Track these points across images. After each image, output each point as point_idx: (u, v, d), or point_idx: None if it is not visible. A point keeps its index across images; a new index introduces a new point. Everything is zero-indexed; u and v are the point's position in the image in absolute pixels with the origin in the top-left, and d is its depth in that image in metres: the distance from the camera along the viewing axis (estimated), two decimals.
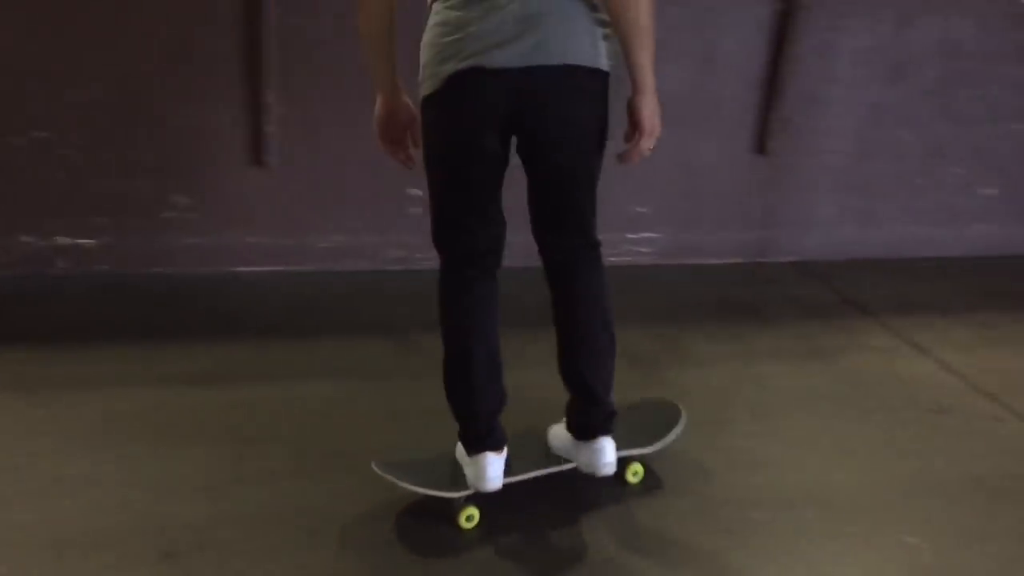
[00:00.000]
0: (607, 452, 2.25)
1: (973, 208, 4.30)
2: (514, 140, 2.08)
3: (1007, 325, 3.67)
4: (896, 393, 3.09)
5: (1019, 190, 4.31)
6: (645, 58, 2.04)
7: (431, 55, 2.01)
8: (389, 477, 2.20)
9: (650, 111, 2.09)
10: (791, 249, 4.18)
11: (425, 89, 2.04)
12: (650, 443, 2.45)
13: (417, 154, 2.16)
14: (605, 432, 2.26)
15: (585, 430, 2.27)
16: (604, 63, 2.04)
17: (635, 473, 2.45)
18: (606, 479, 2.30)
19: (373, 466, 2.22)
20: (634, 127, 2.11)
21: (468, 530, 2.22)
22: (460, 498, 2.21)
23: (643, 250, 4.02)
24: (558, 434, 2.38)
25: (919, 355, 3.39)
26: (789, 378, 3.17)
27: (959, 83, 4.09)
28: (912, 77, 4.03)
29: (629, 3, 1.98)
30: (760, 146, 4.00)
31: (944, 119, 4.13)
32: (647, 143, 2.11)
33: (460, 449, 2.24)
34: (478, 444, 2.17)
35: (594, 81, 2.04)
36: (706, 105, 3.88)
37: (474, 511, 2.22)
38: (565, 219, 2.16)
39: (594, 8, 2.02)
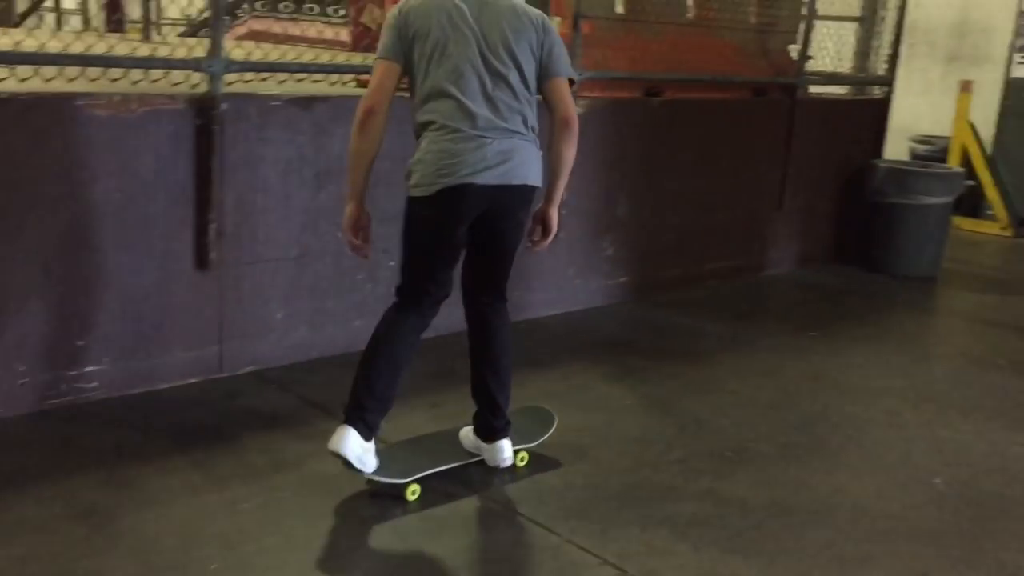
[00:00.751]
0: (506, 450, 3.29)
1: None
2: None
3: (452, 403, 3.99)
4: (362, 489, 3.18)
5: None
6: (564, 182, 3.12)
7: (429, 170, 2.92)
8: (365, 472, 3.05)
9: (556, 218, 3.20)
10: (248, 359, 4.13)
11: (418, 192, 2.95)
12: (532, 439, 3.48)
13: (371, 246, 3.14)
14: (505, 436, 3.28)
15: (491, 434, 3.27)
16: (540, 181, 3.08)
17: (523, 459, 3.42)
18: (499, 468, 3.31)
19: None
20: (545, 231, 3.21)
21: (413, 500, 3.12)
22: (407, 482, 3.10)
23: (87, 386, 3.68)
24: (467, 435, 3.36)
25: (378, 444, 3.53)
26: (258, 496, 3.10)
27: (380, 182, 4.40)
28: (336, 181, 4.26)
29: (570, 145, 3.07)
30: (201, 260, 3.91)
31: (373, 217, 4.40)
32: (550, 241, 3.23)
33: (348, 438, 3.04)
34: (353, 416, 3.04)
35: (534, 193, 3.08)
36: (138, 225, 3.71)
37: (416, 487, 3.13)
38: (495, 285, 3.24)
39: (539, 146, 3.07)
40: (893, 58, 7.26)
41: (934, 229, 6.73)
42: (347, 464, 3.03)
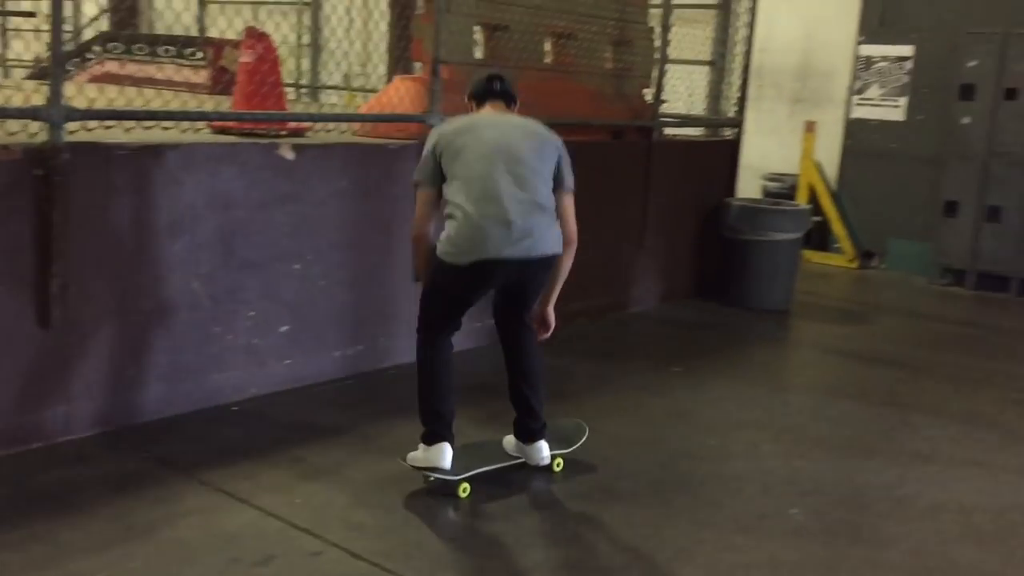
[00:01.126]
0: (544, 449, 3.80)
1: (271, 346, 4.53)
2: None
3: (315, 456, 3.89)
4: (220, 554, 3.05)
5: (308, 324, 4.67)
6: (559, 287, 3.76)
7: (459, 244, 3.44)
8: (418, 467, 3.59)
9: (553, 316, 3.82)
10: (97, 420, 3.93)
11: (448, 257, 3.46)
12: (568, 446, 3.94)
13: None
14: (542, 436, 3.79)
15: (530, 435, 3.78)
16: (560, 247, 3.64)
17: (559, 464, 3.90)
18: (542, 467, 3.82)
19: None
20: (544, 326, 3.82)
21: (464, 497, 3.57)
22: (459, 478, 3.57)
23: None
24: (510, 441, 3.86)
25: (239, 506, 3.41)
26: (107, 569, 2.92)
27: (237, 232, 4.30)
28: (190, 231, 4.13)
29: (570, 258, 3.70)
30: (43, 318, 3.71)
31: (229, 267, 4.30)
32: (549, 334, 3.86)
33: (419, 451, 3.58)
34: (439, 435, 3.55)
35: (554, 259, 3.63)
36: None
37: (467, 485, 3.59)
38: (522, 316, 3.76)
39: (555, 219, 3.61)
40: (742, 100, 7.60)
41: (785, 263, 7.03)
42: (436, 470, 3.56)
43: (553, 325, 3.81)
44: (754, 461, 4.17)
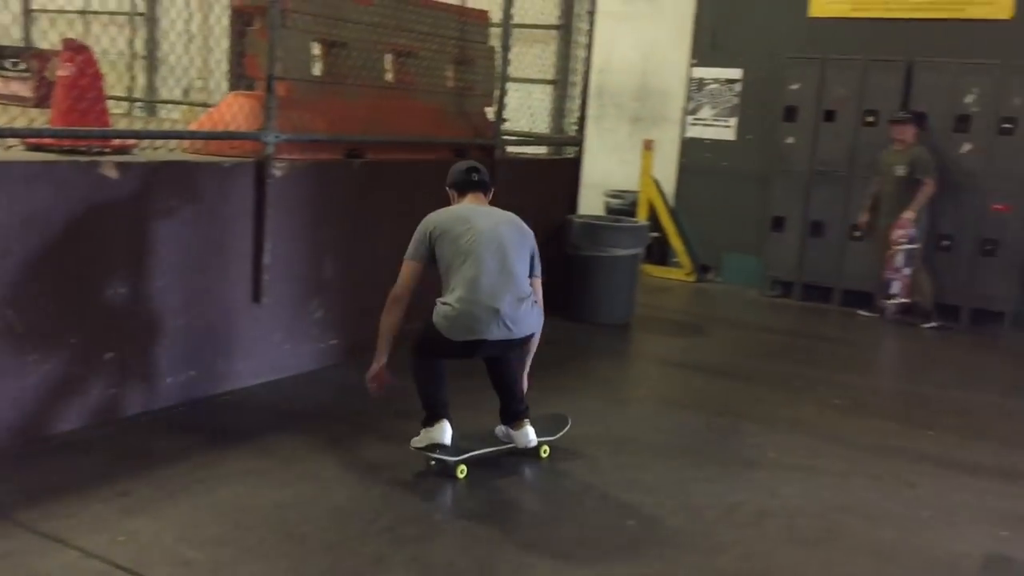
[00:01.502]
0: (531, 432, 4.29)
1: (95, 374, 4.30)
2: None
3: (143, 488, 3.71)
4: None
5: (136, 350, 4.46)
6: (532, 356, 4.46)
7: (455, 323, 3.99)
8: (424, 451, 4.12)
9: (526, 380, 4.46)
10: None
11: (443, 331, 4.01)
12: (553, 435, 4.45)
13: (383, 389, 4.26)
14: (527, 417, 4.29)
15: (516, 417, 4.28)
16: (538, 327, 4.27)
17: (545, 451, 4.38)
18: (530, 452, 4.30)
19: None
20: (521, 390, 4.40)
21: (462, 479, 4.02)
22: (458, 460, 4.08)
23: None
24: (500, 429, 4.34)
25: (55, 547, 3.21)
26: None
27: (55, 254, 4.07)
28: (3, 254, 3.87)
29: (539, 334, 4.35)
30: None
31: (46, 292, 4.06)
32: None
33: (421, 434, 4.14)
34: (438, 415, 4.12)
35: (532, 336, 4.25)
36: None
37: (464, 467, 4.07)
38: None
39: (534, 302, 4.23)
40: (582, 119, 7.78)
41: (626, 278, 7.22)
42: (440, 448, 4.10)
43: (526, 388, 4.40)
44: (594, 475, 4.25)
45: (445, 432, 4.09)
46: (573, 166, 7.75)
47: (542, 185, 7.34)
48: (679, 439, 4.83)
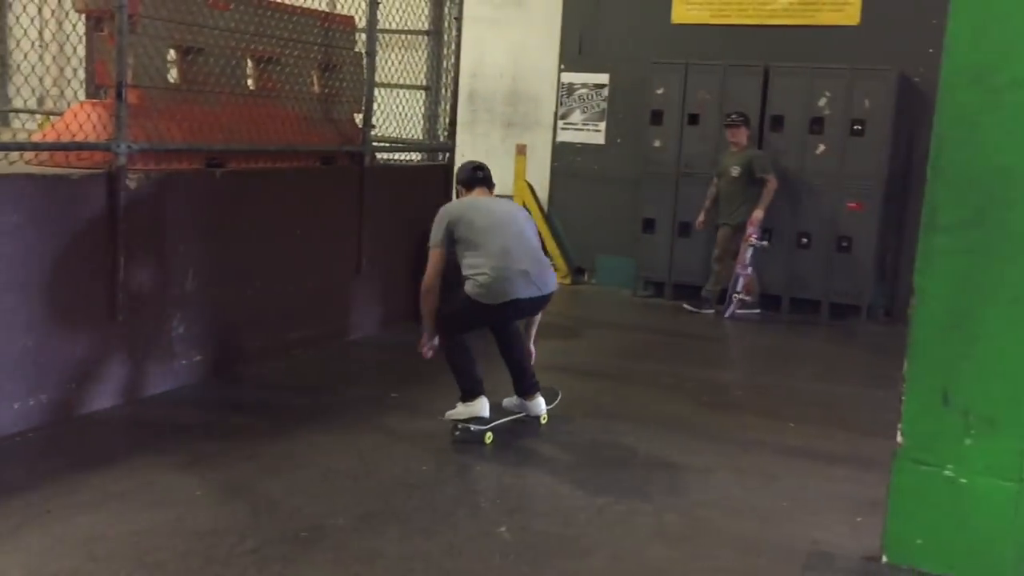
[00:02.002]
0: (542, 403, 5.04)
1: None
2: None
3: None
4: None
5: None
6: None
7: (492, 290, 4.62)
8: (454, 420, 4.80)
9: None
10: None
11: (481, 299, 4.64)
12: (551, 404, 5.15)
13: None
14: (538, 390, 5.03)
15: (528, 390, 5.02)
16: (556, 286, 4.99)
17: (544, 418, 5.08)
18: (535, 419, 5.06)
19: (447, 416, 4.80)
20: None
21: (488, 444, 4.67)
22: (479, 421, 4.77)
23: None
24: (511, 401, 5.09)
25: None
26: None
27: None
28: None
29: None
30: None
31: None
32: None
33: (459, 407, 4.81)
34: (477, 392, 4.79)
35: (552, 294, 4.94)
36: None
37: (490, 435, 4.73)
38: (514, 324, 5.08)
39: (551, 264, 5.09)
40: (452, 125, 7.76)
41: None
42: (477, 420, 4.76)
43: (534, 357, 5.15)
44: (466, 483, 4.23)
45: (484, 407, 4.77)
46: (445, 172, 7.72)
47: (414, 192, 7.29)
48: (550, 443, 4.86)
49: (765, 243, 8.13)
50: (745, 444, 4.97)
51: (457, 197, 5.21)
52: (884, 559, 3.56)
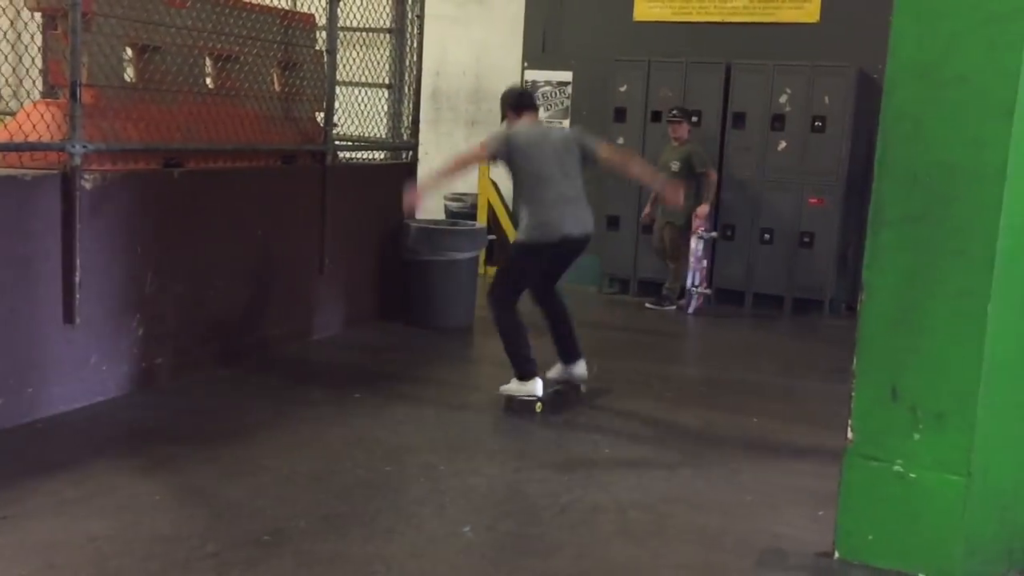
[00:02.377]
0: (583, 366, 5.61)
1: None
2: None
3: None
4: None
5: None
6: None
7: (545, 228, 5.18)
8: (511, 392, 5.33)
9: None
10: None
11: (541, 239, 5.19)
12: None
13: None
14: (581, 355, 5.61)
15: (575, 356, 5.59)
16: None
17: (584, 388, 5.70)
18: (575, 387, 5.67)
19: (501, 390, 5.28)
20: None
21: (540, 411, 5.20)
22: (534, 398, 5.27)
23: None
24: (556, 369, 5.63)
25: None
26: None
27: None
28: None
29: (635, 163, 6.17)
30: None
31: None
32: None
33: (514, 384, 5.31)
34: (534, 372, 5.26)
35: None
36: None
37: (540, 404, 5.25)
38: (556, 283, 5.58)
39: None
40: (415, 123, 7.73)
41: (465, 282, 7.23)
42: (533, 397, 5.24)
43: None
44: (430, 483, 4.21)
45: (540, 386, 5.23)
46: (409, 170, 7.69)
47: (378, 190, 7.24)
48: (515, 442, 4.86)
49: (714, 234, 8.29)
50: (709, 440, 5.00)
51: (504, 120, 5.45)
52: (836, 555, 3.59)
